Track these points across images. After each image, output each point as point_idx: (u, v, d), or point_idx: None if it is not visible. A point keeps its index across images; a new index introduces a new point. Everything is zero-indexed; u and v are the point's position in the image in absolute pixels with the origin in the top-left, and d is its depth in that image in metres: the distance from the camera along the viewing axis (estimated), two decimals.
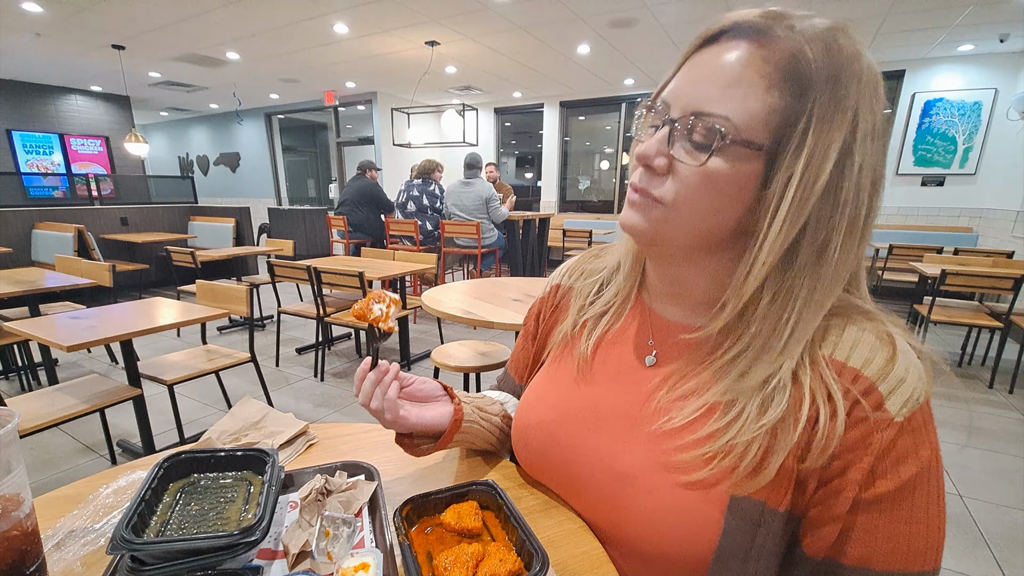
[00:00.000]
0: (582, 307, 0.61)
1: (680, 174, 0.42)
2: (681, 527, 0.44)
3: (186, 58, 5.30)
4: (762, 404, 0.42)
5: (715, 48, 0.42)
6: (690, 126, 0.41)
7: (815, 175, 0.39)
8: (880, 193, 0.42)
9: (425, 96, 7.23)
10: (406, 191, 4.49)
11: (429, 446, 0.61)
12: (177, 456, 0.56)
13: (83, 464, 2.09)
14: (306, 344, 3.63)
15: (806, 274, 0.42)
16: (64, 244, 4.35)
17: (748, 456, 0.42)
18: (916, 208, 5.19)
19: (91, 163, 7.24)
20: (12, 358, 2.90)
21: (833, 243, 0.41)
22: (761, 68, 0.39)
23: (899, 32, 4.13)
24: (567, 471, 0.56)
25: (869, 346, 0.42)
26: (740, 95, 0.39)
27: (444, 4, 3.77)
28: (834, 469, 0.41)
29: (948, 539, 1.62)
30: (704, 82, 0.41)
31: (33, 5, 3.79)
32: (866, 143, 0.40)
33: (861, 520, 0.40)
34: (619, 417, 0.53)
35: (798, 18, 0.40)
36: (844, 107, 0.38)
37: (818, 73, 0.38)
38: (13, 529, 0.41)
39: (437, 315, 1.79)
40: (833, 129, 0.38)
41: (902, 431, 0.40)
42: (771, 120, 0.39)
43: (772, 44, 0.39)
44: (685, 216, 0.43)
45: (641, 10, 3.83)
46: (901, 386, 0.40)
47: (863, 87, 0.39)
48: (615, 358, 0.57)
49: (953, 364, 3.34)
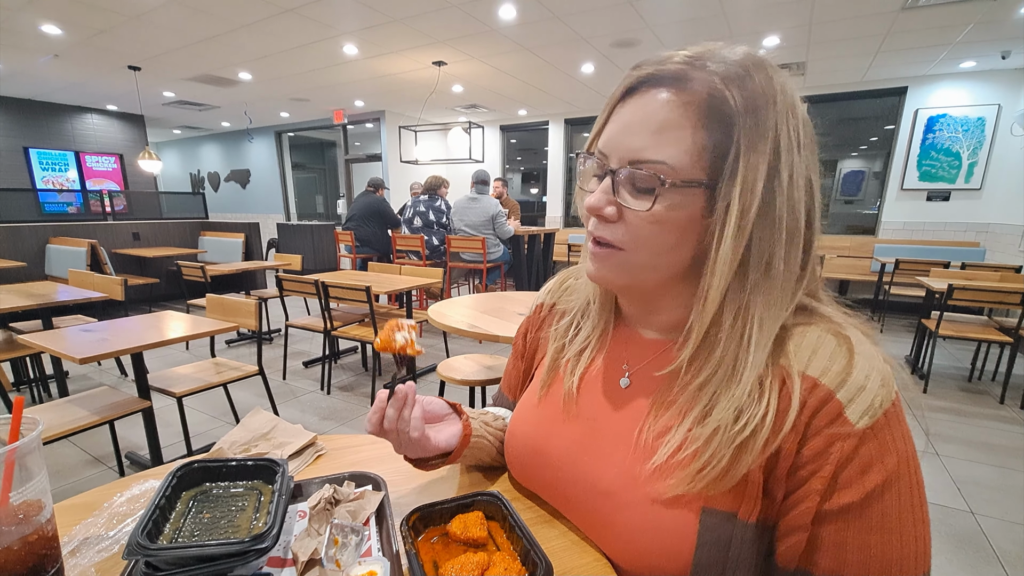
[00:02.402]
0: (561, 347, 0.62)
1: (630, 220, 0.45)
2: (657, 543, 0.45)
3: (200, 78, 5.44)
4: (736, 420, 0.43)
5: (639, 98, 0.44)
6: (631, 175, 0.44)
7: (750, 198, 0.41)
8: (816, 196, 0.44)
9: (432, 114, 7.34)
10: (413, 207, 4.54)
11: (439, 461, 0.62)
12: (190, 465, 0.57)
13: (92, 475, 2.11)
14: (313, 357, 3.65)
15: (758, 290, 0.43)
16: (77, 258, 4.42)
17: (719, 464, 0.42)
18: (922, 223, 5.18)
19: (105, 179, 7.38)
20: (25, 370, 2.93)
21: (777, 256, 0.42)
22: (686, 111, 0.42)
23: (901, 50, 4.17)
24: (555, 487, 0.58)
25: (828, 354, 0.43)
26: (672, 139, 0.42)
27: (451, 26, 3.86)
28: (798, 479, 0.42)
29: (960, 557, 1.60)
30: (636, 131, 0.44)
31: (53, 27, 3.92)
32: (792, 157, 0.42)
33: (829, 531, 0.40)
34: (600, 437, 0.54)
35: (711, 57, 0.43)
36: (765, 130, 0.41)
37: (738, 106, 0.41)
38: (34, 533, 0.42)
39: (443, 329, 1.80)
40: (759, 153, 0.41)
41: (864, 439, 0.39)
42: (704, 157, 0.42)
43: (691, 87, 0.42)
44: (645, 257, 0.46)
45: (644, 31, 3.90)
46: (861, 394, 0.40)
47: (779, 108, 0.42)
48: (596, 385, 0.58)
49: (963, 379, 3.30)
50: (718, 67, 0.42)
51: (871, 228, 5.58)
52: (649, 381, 0.53)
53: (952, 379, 3.31)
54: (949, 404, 2.88)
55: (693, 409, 0.46)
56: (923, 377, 3.13)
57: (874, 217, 5.55)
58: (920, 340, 3.44)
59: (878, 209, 5.47)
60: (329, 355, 3.16)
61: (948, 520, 1.83)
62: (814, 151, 0.45)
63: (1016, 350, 2.83)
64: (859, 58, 4.43)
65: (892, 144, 5.23)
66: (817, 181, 0.45)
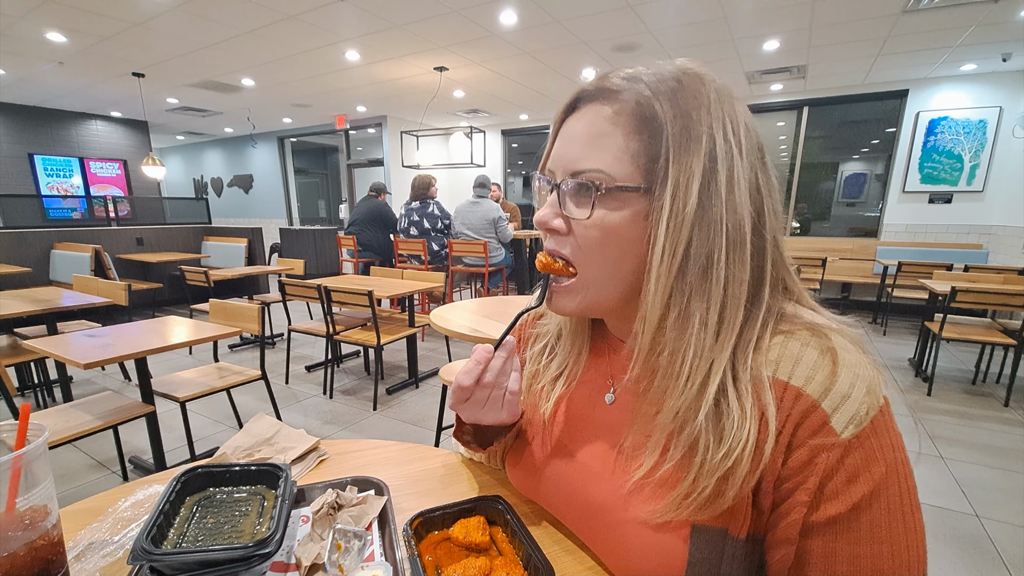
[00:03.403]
0: (535, 373, 0.62)
1: (577, 231, 0.47)
2: (648, 560, 0.45)
3: (203, 84, 5.47)
4: (719, 438, 0.42)
5: (577, 114, 0.48)
6: (573, 186, 0.46)
7: (683, 200, 0.42)
8: (769, 199, 0.44)
9: (433, 119, 7.37)
10: (407, 216, 4.49)
11: (499, 436, 0.63)
12: (194, 471, 0.58)
13: (95, 480, 2.11)
14: (316, 362, 3.66)
15: (697, 294, 0.43)
16: (81, 264, 4.44)
17: (706, 491, 0.42)
18: (924, 226, 5.17)
19: (109, 185, 7.43)
20: (29, 375, 2.95)
21: (715, 260, 0.42)
22: (617, 121, 0.44)
23: (901, 53, 4.18)
24: (550, 500, 0.58)
25: (811, 363, 0.42)
26: (605, 147, 0.44)
27: (452, 31, 3.88)
28: (784, 491, 0.41)
29: (964, 561, 1.60)
30: (574, 144, 0.47)
31: (57, 35, 3.95)
32: (731, 161, 0.42)
33: (817, 543, 0.40)
34: (587, 455, 0.54)
35: (643, 72, 0.45)
36: (699, 135, 0.42)
37: (665, 113, 0.42)
38: (40, 539, 0.43)
39: (445, 333, 1.80)
40: (691, 156, 0.42)
41: (849, 449, 0.39)
42: (638, 162, 0.43)
43: (620, 98, 0.44)
44: (595, 272, 0.47)
45: (644, 35, 3.91)
46: (846, 403, 0.39)
47: (714, 114, 0.43)
48: (580, 404, 0.58)
49: (967, 382, 3.28)
50: (648, 79, 0.44)
51: (873, 231, 5.57)
52: (633, 394, 0.52)
53: (956, 382, 3.30)
54: (953, 407, 2.86)
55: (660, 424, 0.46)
56: (927, 380, 3.12)
57: (876, 220, 5.54)
58: (923, 343, 3.43)
59: (880, 212, 5.46)
60: (331, 359, 3.16)
61: (952, 523, 1.82)
62: (763, 156, 0.45)
63: (1020, 352, 2.82)
64: (860, 61, 4.44)
65: (894, 147, 5.22)
66: (769, 184, 0.45)
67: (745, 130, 0.44)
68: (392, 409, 2.86)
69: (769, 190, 0.45)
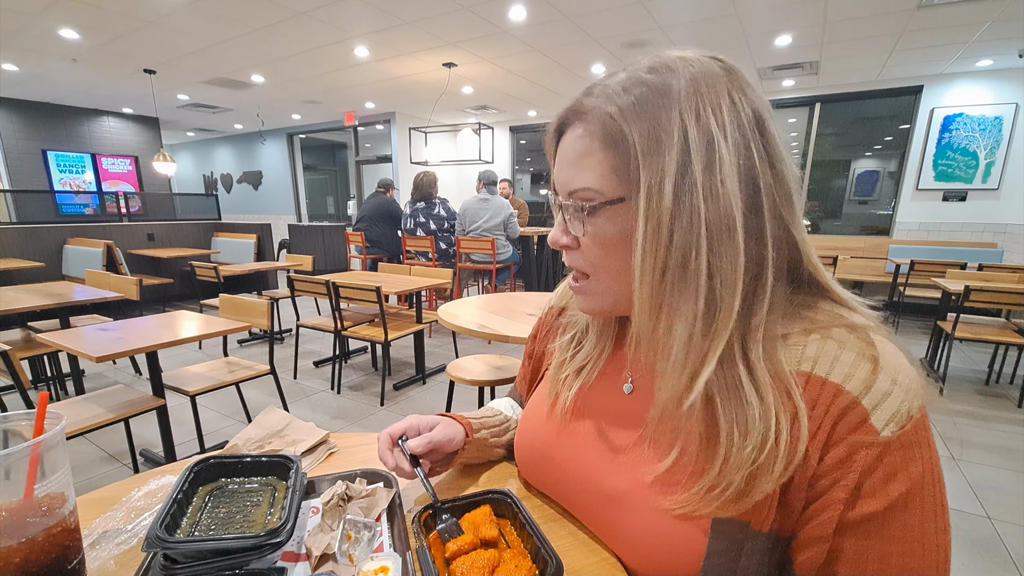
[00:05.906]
0: (562, 362, 0.63)
1: (583, 246, 0.50)
2: (665, 549, 0.45)
3: (213, 81, 5.51)
4: (743, 432, 0.41)
5: (564, 138, 0.50)
6: (571, 205, 0.48)
7: (658, 200, 0.41)
8: (764, 186, 0.42)
9: (442, 115, 7.38)
10: (412, 217, 4.46)
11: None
12: (206, 461, 0.59)
13: (107, 472, 2.14)
14: (324, 357, 3.68)
15: (679, 287, 0.42)
16: (93, 259, 4.50)
17: (732, 487, 0.41)
18: (938, 224, 5.10)
19: (121, 181, 7.52)
20: (42, 368, 2.99)
21: (697, 250, 0.41)
22: (592, 139, 0.46)
23: (916, 49, 4.12)
24: (563, 491, 0.59)
25: (851, 360, 0.41)
26: (587, 166, 0.46)
27: (461, 28, 3.88)
28: (819, 488, 0.41)
29: (977, 563, 1.58)
30: (565, 166, 0.49)
31: (71, 32, 4.00)
32: (711, 147, 0.40)
33: (850, 542, 0.39)
34: (605, 443, 0.55)
35: (603, 85, 0.46)
36: (668, 132, 0.41)
37: (627, 121, 0.43)
38: (57, 526, 0.43)
39: (452, 329, 1.81)
40: (662, 156, 0.41)
41: (889, 448, 0.38)
42: (618, 174, 0.45)
43: (588, 116, 0.46)
44: (607, 281, 0.50)
45: (654, 31, 3.89)
46: (886, 400, 0.39)
47: (685, 104, 0.41)
48: (599, 393, 0.59)
49: (980, 383, 3.24)
50: (614, 90, 0.44)
51: (886, 229, 5.50)
52: (652, 385, 0.53)
53: (969, 382, 3.25)
54: (966, 408, 2.83)
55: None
56: (939, 380, 3.08)
57: (889, 218, 5.48)
58: (936, 342, 3.38)
59: (893, 209, 5.40)
60: (339, 355, 3.18)
61: (965, 525, 1.79)
62: (759, 125, 0.43)
63: None
64: (874, 57, 4.38)
65: (907, 144, 5.15)
66: (772, 153, 0.43)
67: (730, 107, 0.42)
68: (399, 405, 2.88)
69: (772, 160, 0.42)
